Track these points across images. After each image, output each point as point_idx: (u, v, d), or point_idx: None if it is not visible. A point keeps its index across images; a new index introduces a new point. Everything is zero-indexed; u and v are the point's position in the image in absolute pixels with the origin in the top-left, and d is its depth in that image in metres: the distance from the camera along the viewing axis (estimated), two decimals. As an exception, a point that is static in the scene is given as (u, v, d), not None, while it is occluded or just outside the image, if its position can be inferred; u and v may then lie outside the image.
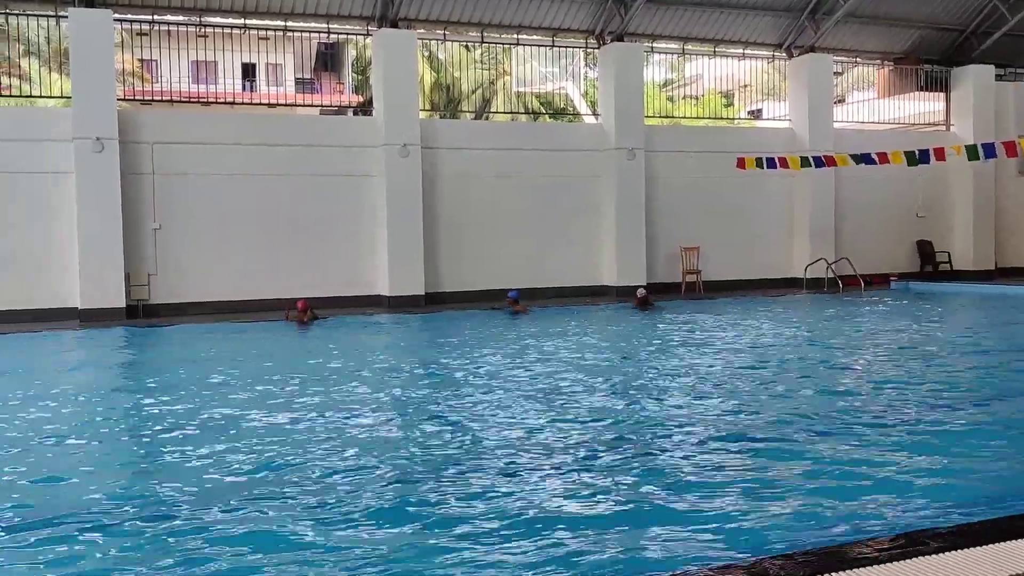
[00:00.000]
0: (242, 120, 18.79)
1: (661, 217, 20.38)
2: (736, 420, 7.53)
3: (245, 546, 4.71)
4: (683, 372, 10.12)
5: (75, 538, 4.90)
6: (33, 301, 16.00)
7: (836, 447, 6.55)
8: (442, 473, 6.05)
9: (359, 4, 18.36)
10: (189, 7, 17.51)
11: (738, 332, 13.61)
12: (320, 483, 5.84)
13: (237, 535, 4.90)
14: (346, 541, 4.81)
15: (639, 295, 17.57)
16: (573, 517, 5.10)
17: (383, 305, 17.82)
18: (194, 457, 6.66)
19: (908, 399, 8.37)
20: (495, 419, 7.73)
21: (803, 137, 21.39)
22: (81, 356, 12.93)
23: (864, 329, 14.04)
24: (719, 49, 21.96)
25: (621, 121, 19.79)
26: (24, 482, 6.03)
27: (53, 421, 7.97)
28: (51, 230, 16.13)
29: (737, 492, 5.48)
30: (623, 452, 6.53)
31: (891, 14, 22.09)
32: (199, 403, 8.65)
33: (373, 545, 4.75)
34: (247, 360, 11.77)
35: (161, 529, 5.00)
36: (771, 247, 21.68)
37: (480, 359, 11.33)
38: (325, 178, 17.94)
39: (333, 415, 7.97)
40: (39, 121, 16.68)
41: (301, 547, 4.71)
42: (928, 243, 22.98)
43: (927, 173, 21.01)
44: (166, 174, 16.90)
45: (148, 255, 16.80)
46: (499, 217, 19.19)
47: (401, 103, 18.19)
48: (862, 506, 5.18)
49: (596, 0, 19.75)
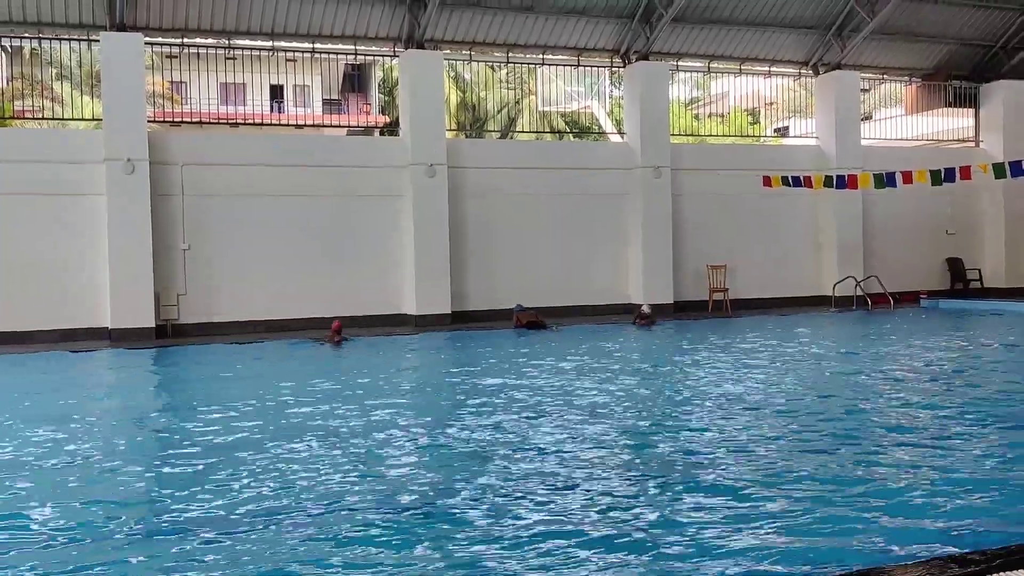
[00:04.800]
0: (270, 141, 18.97)
1: (688, 235, 20.32)
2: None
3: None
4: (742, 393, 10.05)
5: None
6: (64, 321, 16.17)
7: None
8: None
9: (386, 25, 18.51)
10: (218, 30, 17.72)
11: (781, 356, 13.18)
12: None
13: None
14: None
15: (644, 311, 17.58)
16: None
17: (410, 324, 17.86)
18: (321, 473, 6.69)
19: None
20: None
21: (830, 154, 21.28)
22: (123, 377, 12.96)
23: (919, 348, 13.72)
24: (745, 67, 21.93)
25: (647, 139, 19.79)
26: (64, 504, 6.05)
27: (99, 446, 7.94)
28: (82, 250, 16.32)
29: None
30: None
31: (918, 30, 21.98)
32: (297, 419, 8.73)
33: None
34: (295, 377, 11.80)
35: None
36: (799, 264, 21.54)
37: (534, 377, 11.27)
38: (352, 198, 18.05)
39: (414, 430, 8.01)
40: (71, 143, 16.92)
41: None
42: (958, 260, 22.75)
43: (956, 189, 20.79)
44: (195, 194, 17.07)
45: (177, 275, 16.94)
46: (525, 236, 19.22)
47: (428, 123, 18.29)
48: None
49: (621, 19, 19.81)
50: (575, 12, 19.34)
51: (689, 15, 19.87)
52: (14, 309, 15.95)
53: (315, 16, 17.97)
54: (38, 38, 17.59)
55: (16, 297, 15.98)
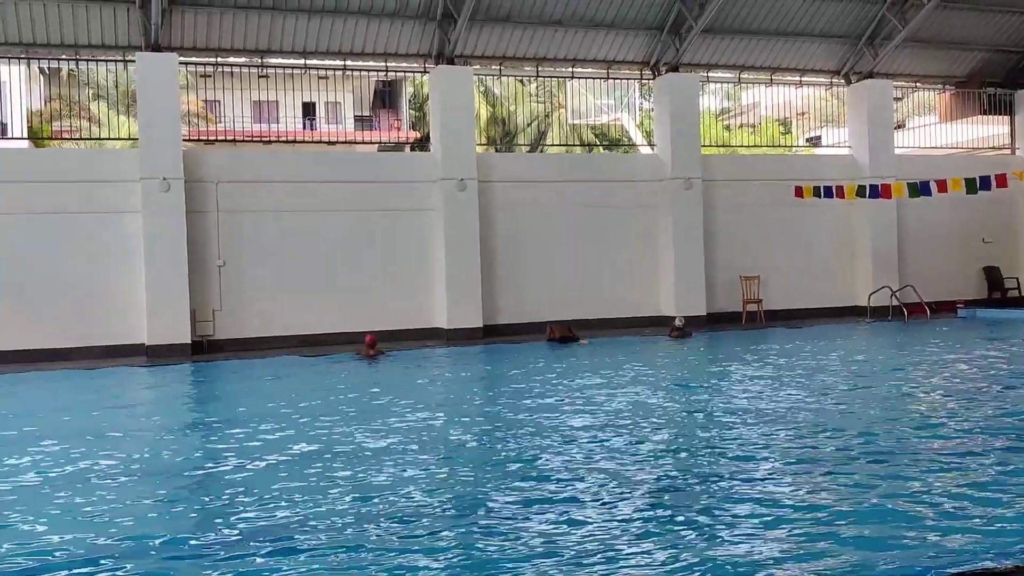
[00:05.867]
0: (303, 158, 19.17)
1: (720, 246, 20.23)
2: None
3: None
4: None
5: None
6: (102, 337, 16.38)
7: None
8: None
9: (416, 42, 18.64)
10: (251, 49, 17.93)
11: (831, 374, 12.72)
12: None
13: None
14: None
15: (677, 324, 17.52)
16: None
17: (441, 338, 17.91)
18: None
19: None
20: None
21: (863, 164, 21.11)
22: (175, 391, 13.13)
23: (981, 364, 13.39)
24: (776, 76, 21.85)
25: (678, 151, 19.74)
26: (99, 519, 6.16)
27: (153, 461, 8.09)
28: (119, 267, 16.53)
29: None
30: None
31: (951, 37, 21.79)
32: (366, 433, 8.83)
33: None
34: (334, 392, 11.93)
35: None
36: (833, 275, 21.35)
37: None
38: (384, 213, 18.16)
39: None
40: (108, 162, 17.16)
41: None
42: (996, 269, 22.45)
43: (993, 197, 20.51)
44: (230, 211, 17.25)
45: (213, 291, 17.11)
46: (557, 249, 19.22)
47: (458, 138, 18.37)
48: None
49: (650, 31, 19.81)
50: (604, 25, 19.37)
51: (719, 26, 19.84)
52: (52, 327, 16.17)
53: (346, 34, 18.15)
54: (75, 59, 17.91)
55: (54, 315, 16.20)
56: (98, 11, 16.68)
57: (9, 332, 15.91)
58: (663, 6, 19.36)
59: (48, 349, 15.99)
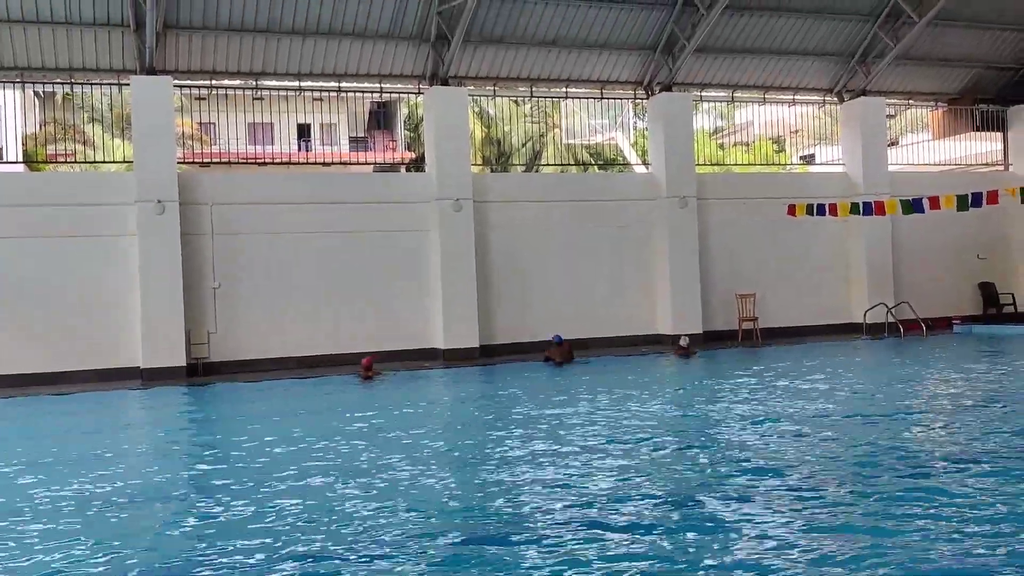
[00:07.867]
0: (298, 179, 19.15)
1: (716, 264, 20.25)
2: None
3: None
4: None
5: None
6: (96, 361, 16.31)
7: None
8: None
9: (411, 63, 18.70)
10: (245, 71, 17.96)
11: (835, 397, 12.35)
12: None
13: None
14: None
15: (682, 343, 17.48)
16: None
17: (438, 358, 17.86)
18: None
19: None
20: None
21: (857, 181, 21.16)
22: (174, 415, 13.07)
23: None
24: (769, 95, 21.94)
25: (672, 170, 19.79)
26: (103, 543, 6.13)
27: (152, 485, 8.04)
28: (114, 291, 16.49)
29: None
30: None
31: (943, 55, 21.91)
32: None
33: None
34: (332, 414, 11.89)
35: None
36: (828, 292, 21.35)
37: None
38: (379, 234, 18.16)
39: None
40: (103, 185, 17.16)
41: None
42: (991, 285, 22.47)
43: (987, 213, 20.54)
44: (225, 234, 17.23)
45: (208, 313, 17.07)
46: (552, 268, 19.22)
47: (453, 158, 18.40)
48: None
49: (644, 51, 19.90)
50: (597, 45, 19.45)
51: (711, 45, 19.93)
52: (48, 350, 16.12)
53: (340, 56, 18.21)
54: (70, 83, 17.93)
55: (50, 338, 16.16)
56: (93, 35, 16.71)
57: (2, 356, 15.84)
58: (656, 26, 19.46)
59: (41, 373, 15.93)
